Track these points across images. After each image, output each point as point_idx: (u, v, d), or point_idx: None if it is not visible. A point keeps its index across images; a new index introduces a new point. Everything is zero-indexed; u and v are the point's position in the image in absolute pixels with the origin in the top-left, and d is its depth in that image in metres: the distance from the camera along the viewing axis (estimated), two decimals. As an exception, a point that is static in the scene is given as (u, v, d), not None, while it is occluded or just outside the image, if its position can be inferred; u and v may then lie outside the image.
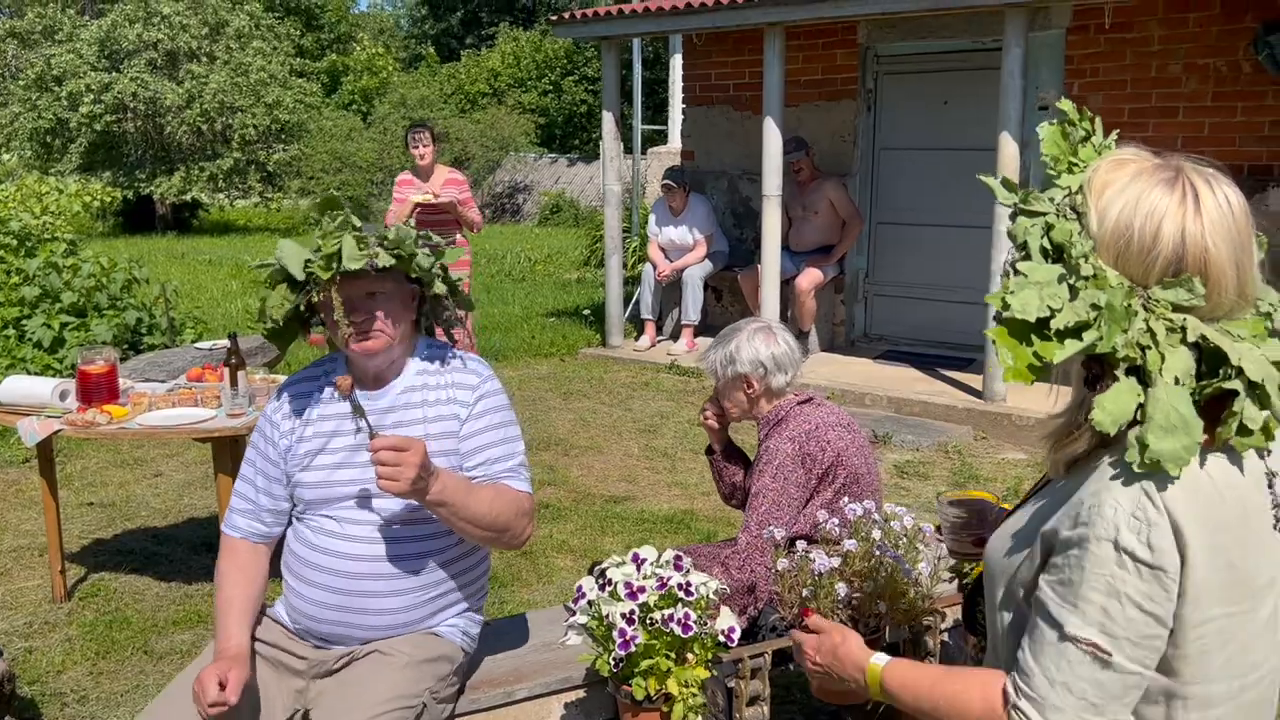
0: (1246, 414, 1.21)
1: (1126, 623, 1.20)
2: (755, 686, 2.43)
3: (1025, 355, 1.23)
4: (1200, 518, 1.20)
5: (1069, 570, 1.23)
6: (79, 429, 3.70)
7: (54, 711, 3.35)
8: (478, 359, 2.42)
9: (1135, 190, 1.25)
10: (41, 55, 19.79)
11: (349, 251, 2.10)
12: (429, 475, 2.04)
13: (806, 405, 2.81)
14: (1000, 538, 1.43)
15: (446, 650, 2.29)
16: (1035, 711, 1.24)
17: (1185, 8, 6.51)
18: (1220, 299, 1.23)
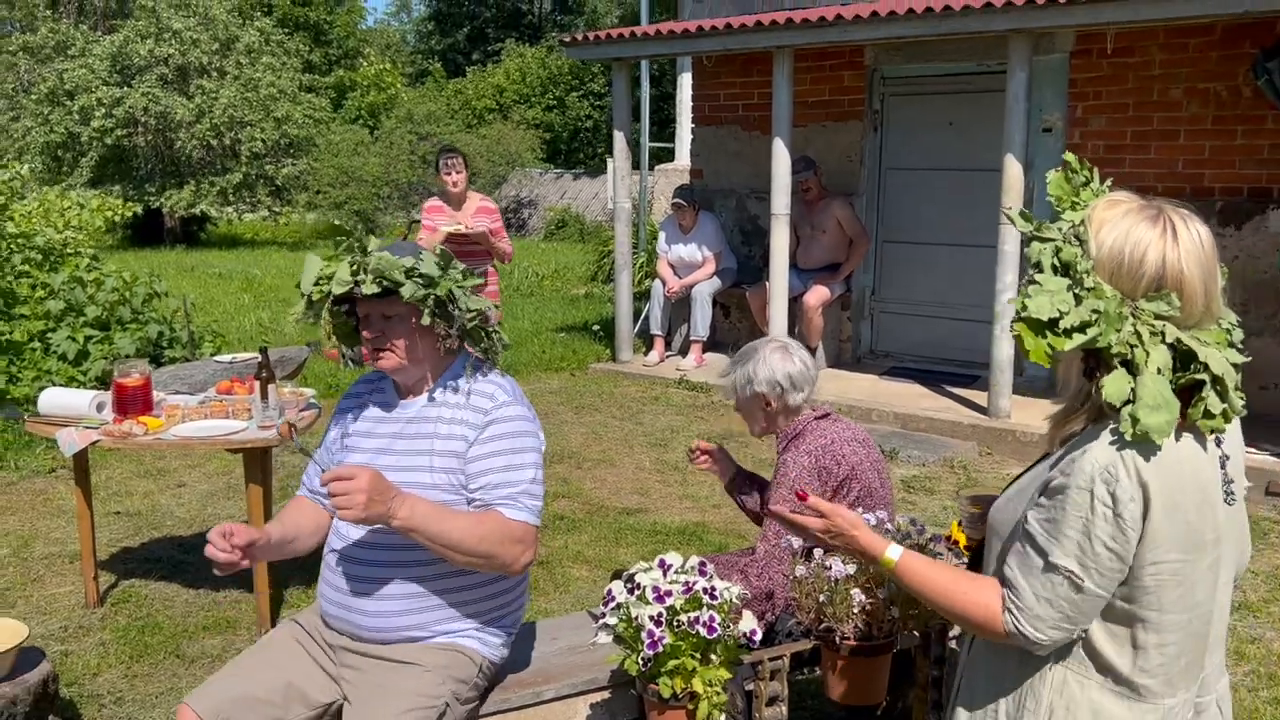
0: (1210, 402, 1.53)
1: (1095, 557, 1.53)
2: (774, 688, 2.56)
3: (1042, 345, 1.57)
4: (1163, 480, 1.51)
5: (1054, 510, 1.56)
6: (116, 439, 3.83)
7: (93, 712, 3.48)
8: (505, 384, 2.46)
9: (1126, 225, 1.58)
10: (54, 70, 20.01)
11: (339, 276, 2.26)
12: (387, 499, 2.13)
13: (823, 420, 2.94)
14: (1002, 501, 1.77)
15: (468, 660, 2.39)
16: (1024, 619, 1.58)
17: (1186, 33, 6.66)
18: (1192, 311, 1.56)
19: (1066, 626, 1.56)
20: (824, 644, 2.50)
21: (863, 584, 2.45)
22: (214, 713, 2.27)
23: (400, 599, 2.35)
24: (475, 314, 2.37)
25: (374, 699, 2.26)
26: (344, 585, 2.38)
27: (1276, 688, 3.73)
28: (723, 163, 8.88)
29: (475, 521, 2.26)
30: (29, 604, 4.28)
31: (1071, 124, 7.19)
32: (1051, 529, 1.55)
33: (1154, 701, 1.61)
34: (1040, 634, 1.57)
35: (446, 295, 2.31)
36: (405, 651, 2.35)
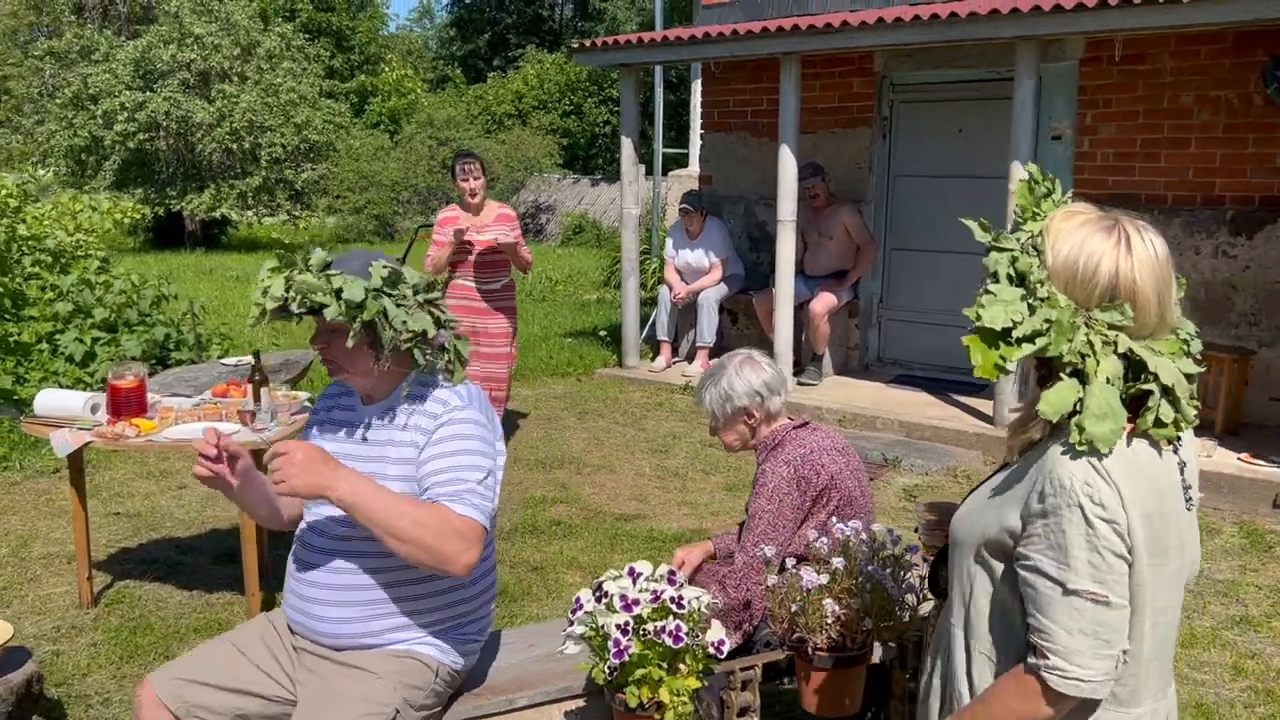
0: (1161, 411, 1.54)
1: (1108, 569, 1.50)
2: (746, 698, 2.54)
3: (992, 356, 1.56)
4: (1133, 485, 1.52)
5: (1053, 536, 1.52)
6: (108, 441, 3.86)
7: (79, 713, 3.49)
8: (462, 391, 2.42)
9: (1081, 235, 1.58)
10: (78, 74, 20.23)
11: (272, 292, 2.25)
12: (324, 474, 2.12)
13: (802, 430, 2.92)
14: (964, 512, 1.74)
15: (424, 667, 2.38)
16: (1065, 661, 1.51)
17: (1197, 40, 6.59)
18: (1145, 321, 1.56)
19: (1106, 653, 1.51)
20: (797, 654, 2.49)
21: (835, 594, 2.43)
22: (173, 694, 2.34)
23: (356, 606, 2.35)
24: (412, 335, 2.30)
25: (323, 703, 2.27)
26: (304, 591, 2.39)
27: (1273, 704, 3.67)
28: (732, 169, 8.86)
29: (417, 507, 2.21)
30: (24, 604, 4.30)
31: (1081, 131, 7.13)
32: (1058, 556, 1.51)
33: (1123, 710, 1.59)
34: (1085, 669, 1.50)
35: (375, 316, 2.26)
36: (360, 658, 2.35)
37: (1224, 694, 3.74)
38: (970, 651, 1.69)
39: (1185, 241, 6.73)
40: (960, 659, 1.72)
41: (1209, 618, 4.33)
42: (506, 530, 5.17)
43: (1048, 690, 1.54)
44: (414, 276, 2.38)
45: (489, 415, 2.45)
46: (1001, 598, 1.63)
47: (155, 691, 2.35)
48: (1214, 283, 6.67)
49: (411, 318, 2.30)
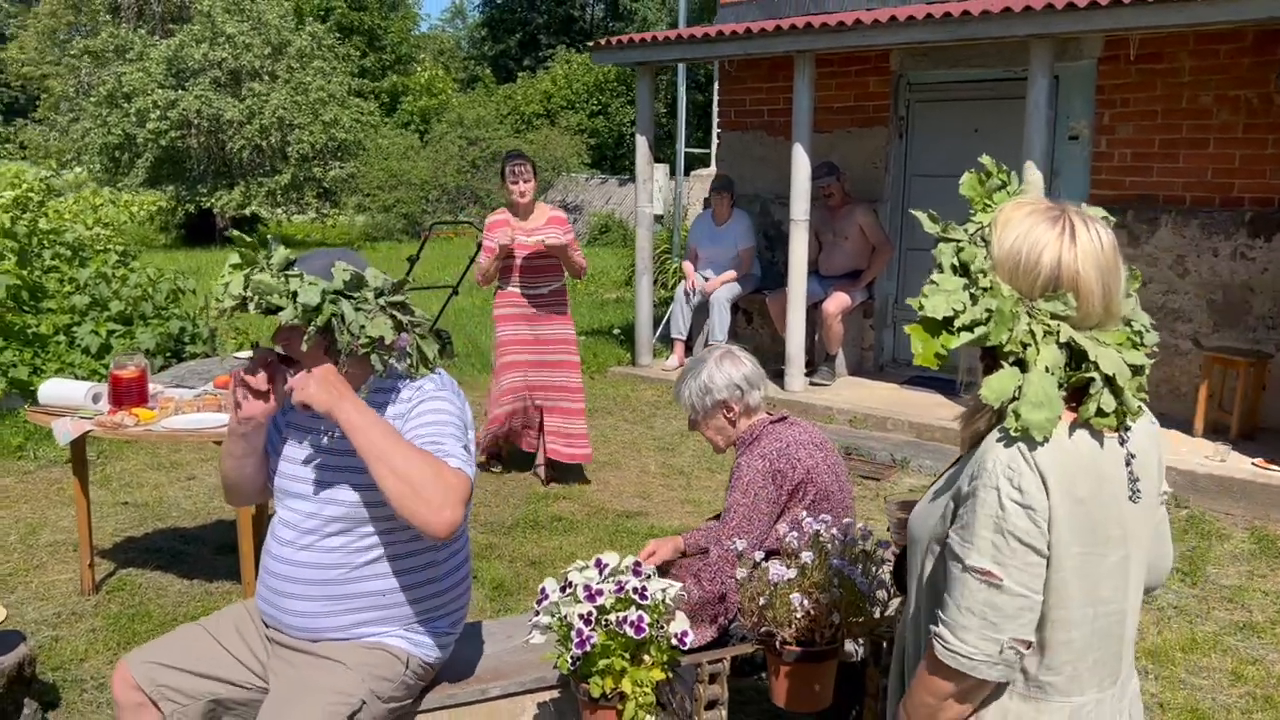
0: (1103, 400, 1.53)
1: (1011, 553, 1.50)
2: (714, 691, 2.53)
3: (934, 345, 1.57)
4: (1062, 472, 1.51)
5: (966, 515, 1.54)
6: (108, 430, 3.91)
7: (73, 697, 3.54)
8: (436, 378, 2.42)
9: (1026, 225, 1.58)
10: (113, 73, 20.53)
11: (231, 289, 2.24)
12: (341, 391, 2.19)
13: (779, 424, 2.91)
14: (920, 507, 1.75)
15: (394, 659, 2.39)
16: (949, 632, 1.54)
17: (1216, 39, 6.50)
18: (1089, 312, 1.55)
19: (992, 635, 1.51)
20: (766, 648, 2.48)
21: (804, 588, 2.42)
22: (146, 676, 2.37)
23: (326, 600, 2.37)
24: (370, 340, 2.28)
25: (290, 692, 2.29)
26: (274, 584, 2.41)
27: (1271, 711, 3.62)
28: (748, 168, 8.84)
29: (414, 447, 2.22)
30: (28, 589, 4.37)
31: (1098, 131, 7.06)
32: (965, 534, 1.53)
33: (1060, 700, 1.59)
34: (967, 644, 1.51)
35: (331, 320, 2.25)
36: (330, 649, 2.37)
37: (1221, 699, 3.68)
38: (922, 646, 1.69)
39: (1203, 243, 6.64)
40: (913, 654, 1.72)
41: (1212, 623, 4.27)
42: (508, 525, 5.19)
43: (933, 659, 1.57)
44: (378, 279, 2.34)
45: (463, 401, 2.46)
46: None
47: (130, 672, 2.39)
48: (1232, 285, 6.57)
49: (370, 323, 2.27)
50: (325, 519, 2.35)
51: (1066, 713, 1.59)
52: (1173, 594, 4.53)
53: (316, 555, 2.36)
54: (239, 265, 2.25)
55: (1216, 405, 6.34)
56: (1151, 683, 3.78)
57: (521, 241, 5.50)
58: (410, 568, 2.41)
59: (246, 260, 2.26)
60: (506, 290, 5.67)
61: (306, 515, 2.37)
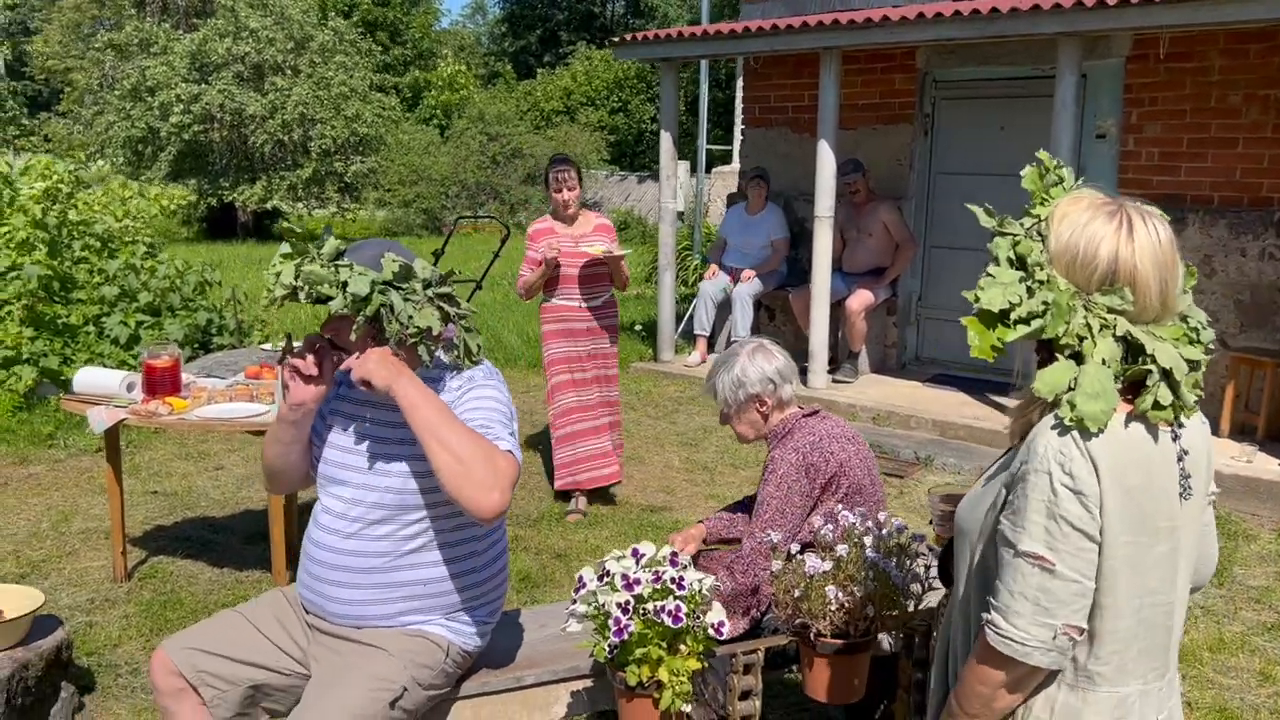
0: (1160, 393, 1.54)
1: (1064, 538, 1.50)
2: (748, 681, 2.55)
3: (990, 338, 1.59)
4: (1114, 460, 1.51)
5: (1017, 500, 1.55)
6: (142, 418, 3.96)
7: (108, 681, 3.59)
8: (481, 369, 2.47)
9: (1084, 219, 1.59)
10: (137, 67, 20.67)
11: (283, 280, 2.27)
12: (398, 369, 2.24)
13: (812, 418, 2.92)
14: (969, 499, 1.75)
15: (435, 646, 2.42)
16: (1001, 618, 1.55)
17: (1246, 38, 6.46)
18: (1146, 306, 1.56)
19: (1045, 620, 1.51)
20: (800, 640, 2.49)
21: (839, 581, 2.43)
22: (187, 662, 2.39)
23: (368, 588, 2.39)
24: (418, 331, 2.31)
25: (333, 678, 2.31)
26: (317, 571, 2.43)
27: (1300, 711, 3.61)
28: (772, 164, 8.83)
29: (467, 427, 2.25)
30: (61, 575, 4.43)
31: (1126, 130, 7.03)
32: (1016, 519, 1.54)
33: (1108, 690, 1.59)
34: (1019, 630, 1.52)
35: (380, 310, 2.28)
36: (372, 635, 2.39)
37: (1249, 699, 3.68)
38: (972, 636, 1.70)
39: (1231, 243, 6.61)
40: (964, 643, 1.73)
41: (1239, 623, 4.26)
42: (534, 518, 5.21)
43: (986, 646, 1.57)
44: (425, 270, 2.37)
45: (507, 394, 2.49)
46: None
47: (170, 658, 2.41)
48: (1260, 286, 6.54)
49: (419, 314, 2.30)
50: (370, 506, 2.37)
51: (1112, 703, 1.60)
52: (1200, 594, 4.52)
53: (362, 543, 2.38)
54: (289, 255, 2.28)
55: (1243, 406, 6.31)
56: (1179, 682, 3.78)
57: (567, 250, 5.19)
58: (453, 556, 2.44)
59: (297, 250, 2.28)
60: (554, 303, 5.28)
61: (351, 502, 2.39)
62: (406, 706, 2.35)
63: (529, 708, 2.68)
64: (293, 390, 2.37)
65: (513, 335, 9.67)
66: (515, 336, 9.61)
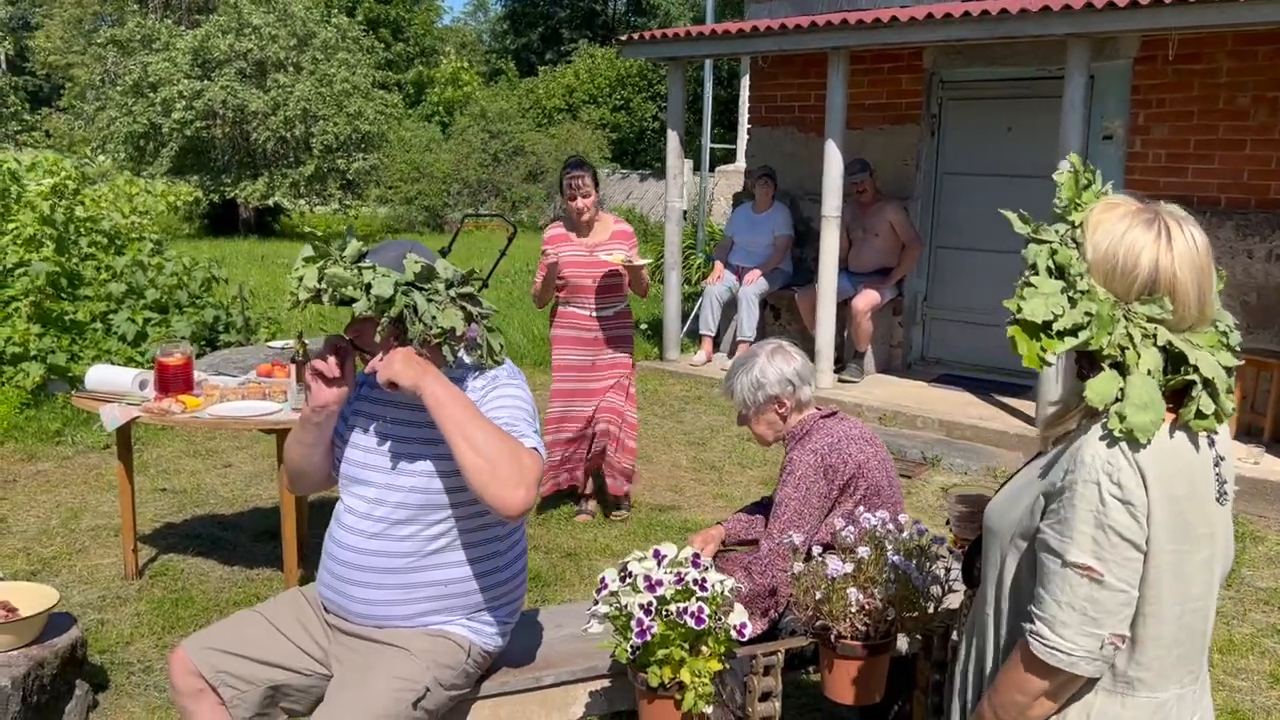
0: (1202, 403, 1.55)
1: (1111, 548, 1.50)
2: (768, 683, 2.55)
3: (1035, 348, 1.58)
4: (1160, 472, 1.52)
5: (1063, 510, 1.54)
6: (155, 416, 3.96)
7: (121, 679, 3.59)
8: (507, 367, 2.48)
9: (1121, 228, 1.59)
10: (139, 62, 20.63)
11: (306, 283, 2.27)
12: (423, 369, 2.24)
13: (830, 419, 2.93)
14: (999, 501, 1.76)
15: (456, 646, 2.43)
16: (1047, 629, 1.54)
17: (1254, 40, 6.47)
18: (1185, 314, 1.56)
19: (1093, 630, 1.52)
20: (821, 642, 2.50)
21: (860, 583, 2.44)
22: (206, 662, 2.39)
23: (391, 589, 2.39)
24: (441, 331, 2.30)
25: (356, 677, 2.32)
26: (339, 571, 2.43)
27: (1312, 713, 3.62)
28: (778, 164, 8.83)
29: (493, 424, 2.26)
30: (72, 573, 4.43)
31: (1133, 131, 7.03)
32: (1063, 529, 1.54)
33: (1147, 695, 1.60)
34: (1066, 640, 1.53)
35: (404, 311, 2.27)
36: (394, 635, 2.40)
37: (1260, 701, 3.68)
38: (1002, 638, 1.71)
39: (1238, 245, 6.61)
40: (991, 646, 1.73)
41: (1249, 625, 4.27)
42: (542, 517, 5.22)
43: (1029, 657, 1.57)
44: (447, 270, 2.37)
45: (530, 398, 2.49)
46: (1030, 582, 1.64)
47: (190, 658, 2.41)
48: (1267, 287, 6.55)
49: (442, 314, 2.30)
50: (393, 506, 2.38)
51: (1151, 708, 1.60)
52: (1209, 595, 4.52)
53: (386, 544, 2.38)
54: (312, 259, 2.28)
55: (1249, 408, 6.31)
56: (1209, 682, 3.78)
57: (579, 259, 4.97)
58: (476, 557, 2.44)
59: (320, 254, 2.29)
60: (568, 309, 5.09)
61: (374, 503, 2.40)
62: (429, 707, 2.36)
63: (548, 708, 2.69)
64: (315, 392, 2.37)
65: (518, 333, 9.67)
66: (520, 335, 9.61)
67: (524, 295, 11.95)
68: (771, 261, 8.22)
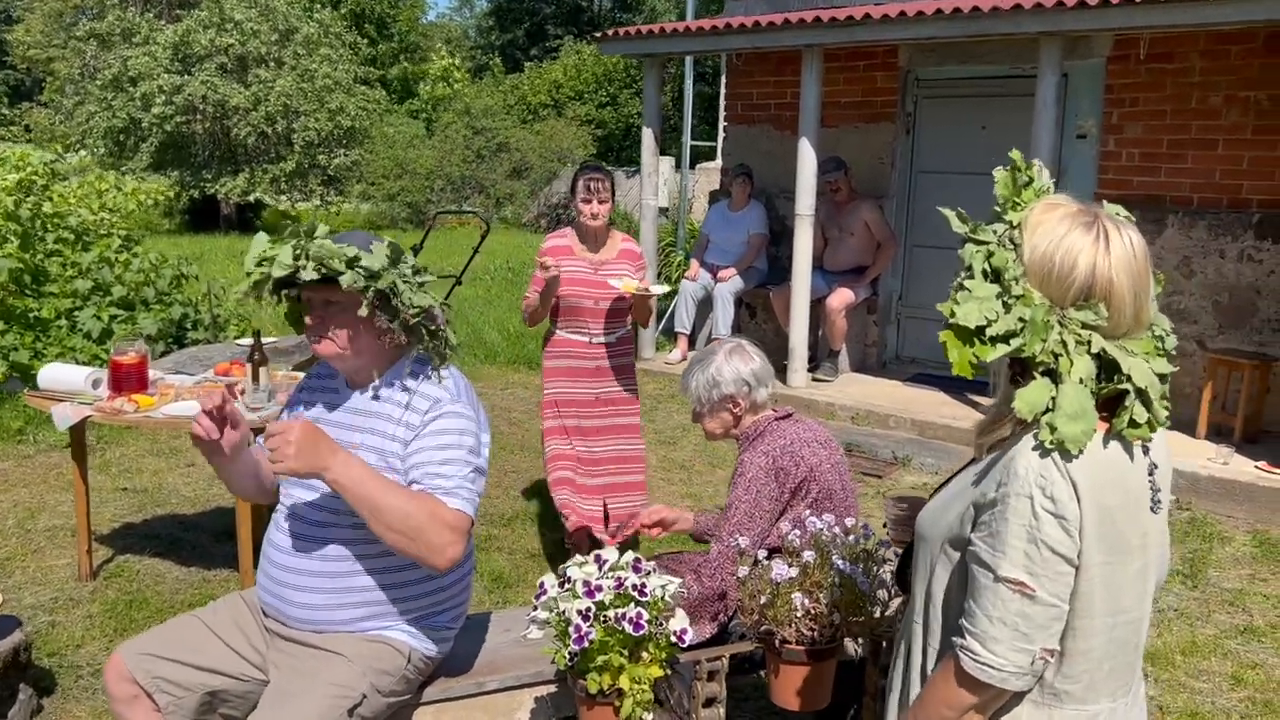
0: (1135, 411, 1.52)
1: (1044, 563, 1.47)
2: (712, 688, 2.51)
3: (967, 354, 1.54)
4: (1093, 483, 1.49)
5: (995, 523, 1.51)
6: (107, 415, 3.90)
7: (69, 683, 3.53)
8: (450, 386, 2.42)
9: (1061, 230, 1.54)
10: (119, 57, 20.48)
11: (280, 259, 2.24)
12: (323, 454, 2.14)
13: (784, 421, 2.89)
14: (931, 508, 1.72)
15: (395, 652, 2.39)
16: (978, 644, 1.51)
17: (1227, 40, 6.46)
18: (1120, 321, 1.53)
19: (1024, 646, 1.49)
20: (766, 647, 2.46)
21: (805, 588, 2.40)
22: (140, 668, 2.34)
23: (329, 593, 2.35)
24: (420, 310, 2.32)
25: (291, 684, 2.27)
26: (277, 575, 2.40)
27: (1271, 716, 3.60)
28: (754, 162, 8.80)
29: (409, 496, 2.23)
30: (25, 574, 4.36)
31: (1106, 130, 7.02)
32: (994, 543, 1.51)
33: (1075, 708, 1.57)
34: (997, 656, 1.50)
35: (389, 288, 2.28)
36: (332, 641, 2.35)
37: (1221, 703, 3.67)
38: (927, 647, 1.68)
39: (1210, 245, 6.61)
40: (918, 654, 1.71)
41: (1213, 626, 4.26)
42: (508, 517, 5.17)
43: (960, 672, 1.54)
44: (410, 258, 2.39)
45: (476, 407, 2.45)
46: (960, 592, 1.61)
47: (124, 664, 2.36)
48: (1238, 287, 6.54)
49: (416, 294, 2.32)
50: (331, 511, 2.34)
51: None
52: (1173, 596, 4.51)
53: (322, 548, 2.34)
54: (280, 240, 2.25)
55: (1220, 407, 6.31)
56: (1152, 686, 3.76)
57: (582, 277, 4.33)
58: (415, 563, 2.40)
59: (290, 233, 2.27)
60: (559, 335, 4.42)
61: (312, 507, 2.36)
62: (365, 714, 2.32)
63: (491, 713, 2.65)
64: (205, 454, 2.37)
65: (493, 331, 9.63)
66: (495, 333, 9.56)
67: (500, 292, 11.90)
68: (746, 260, 8.19)
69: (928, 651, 1.67)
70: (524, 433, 6.57)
